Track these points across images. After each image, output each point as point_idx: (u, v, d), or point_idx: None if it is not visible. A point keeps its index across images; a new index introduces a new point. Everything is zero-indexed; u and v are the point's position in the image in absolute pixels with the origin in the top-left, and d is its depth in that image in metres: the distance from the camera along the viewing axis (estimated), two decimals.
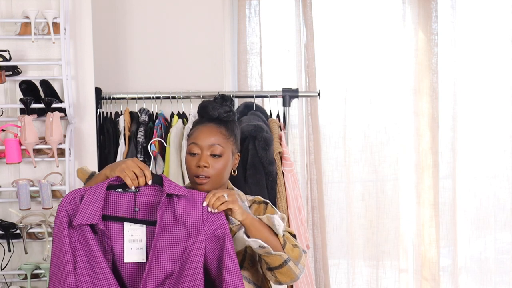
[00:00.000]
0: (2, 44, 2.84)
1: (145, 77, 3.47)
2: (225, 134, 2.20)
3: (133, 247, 2.01)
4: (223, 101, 2.23)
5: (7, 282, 2.94)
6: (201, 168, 2.15)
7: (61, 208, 1.94)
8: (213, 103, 2.22)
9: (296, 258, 2.09)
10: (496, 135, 3.87)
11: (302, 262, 2.11)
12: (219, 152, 2.16)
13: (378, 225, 3.82)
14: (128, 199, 2.01)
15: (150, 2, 3.49)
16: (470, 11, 3.81)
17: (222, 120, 2.21)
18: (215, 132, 2.18)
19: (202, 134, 2.18)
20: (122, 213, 2.00)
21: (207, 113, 2.21)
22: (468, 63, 3.82)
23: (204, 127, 2.20)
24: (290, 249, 2.08)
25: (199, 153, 2.16)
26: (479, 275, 3.90)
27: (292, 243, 2.10)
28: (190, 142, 2.19)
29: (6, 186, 2.88)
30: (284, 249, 2.07)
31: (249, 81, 3.68)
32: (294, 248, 2.09)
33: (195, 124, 2.24)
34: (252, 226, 2.04)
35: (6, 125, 2.87)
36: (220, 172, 2.17)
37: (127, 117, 3.17)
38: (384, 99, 3.79)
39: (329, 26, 3.77)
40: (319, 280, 3.73)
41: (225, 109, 2.21)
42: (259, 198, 2.28)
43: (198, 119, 2.25)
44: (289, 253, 2.07)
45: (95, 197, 1.95)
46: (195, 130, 2.21)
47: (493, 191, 3.89)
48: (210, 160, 2.16)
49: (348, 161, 3.80)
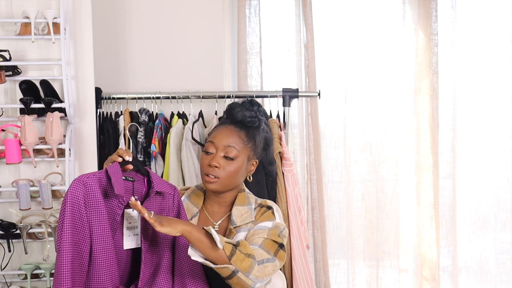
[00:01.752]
0: (2, 44, 2.84)
1: (145, 77, 3.47)
2: (243, 138, 2.19)
3: (130, 234, 2.10)
4: (250, 106, 2.23)
5: (7, 282, 2.94)
6: (212, 167, 2.15)
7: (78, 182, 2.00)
8: (241, 106, 2.22)
9: (245, 269, 2.03)
10: (496, 135, 3.87)
11: (254, 273, 2.04)
12: (233, 155, 2.16)
13: (378, 225, 3.82)
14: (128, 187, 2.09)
15: (150, 2, 3.49)
16: (470, 11, 3.81)
17: (245, 124, 2.21)
18: (234, 135, 2.18)
19: (221, 134, 2.19)
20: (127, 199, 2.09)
21: (232, 115, 2.21)
22: (468, 63, 3.81)
23: (225, 128, 2.21)
24: (239, 260, 2.03)
25: (213, 152, 2.16)
26: (479, 275, 3.90)
27: (246, 252, 2.05)
28: (208, 140, 2.19)
29: (6, 186, 2.88)
30: (231, 260, 2.02)
31: (249, 81, 3.68)
32: (246, 258, 2.04)
33: (219, 124, 2.25)
34: (191, 239, 2.01)
35: (6, 125, 2.87)
36: (231, 175, 2.17)
37: (127, 117, 3.18)
38: (384, 99, 3.79)
39: (329, 26, 3.77)
40: (319, 280, 3.73)
41: (251, 114, 2.21)
42: (266, 202, 2.26)
43: (223, 119, 2.26)
44: (237, 264, 2.02)
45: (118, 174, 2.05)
46: (216, 129, 2.22)
47: (493, 191, 3.89)
48: (223, 161, 2.15)
49: (348, 161, 3.80)
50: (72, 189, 1.98)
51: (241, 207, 2.22)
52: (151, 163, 3.12)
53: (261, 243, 2.13)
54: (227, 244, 2.03)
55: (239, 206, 2.22)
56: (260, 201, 2.27)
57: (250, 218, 2.20)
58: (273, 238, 2.15)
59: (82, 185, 1.99)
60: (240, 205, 2.22)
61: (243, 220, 2.19)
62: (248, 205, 2.22)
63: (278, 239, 2.16)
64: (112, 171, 2.02)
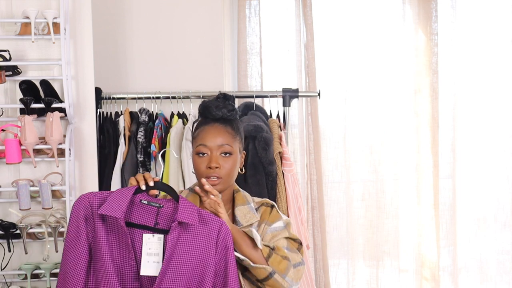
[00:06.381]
0: (2, 44, 2.84)
1: (145, 77, 3.47)
2: (231, 133, 2.17)
3: (150, 260, 2.01)
4: (225, 100, 2.20)
5: (7, 282, 2.94)
6: (212, 169, 2.12)
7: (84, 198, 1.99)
8: (216, 103, 2.18)
9: (282, 271, 2.04)
10: (496, 135, 3.87)
11: (290, 275, 2.06)
12: (229, 150, 2.14)
13: (378, 225, 3.82)
14: (151, 212, 2.01)
15: (150, 2, 3.49)
16: (470, 11, 3.81)
17: (227, 119, 2.19)
18: (223, 132, 2.15)
19: (210, 135, 2.15)
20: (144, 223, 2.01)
21: (211, 113, 2.17)
22: (468, 63, 3.82)
23: (211, 127, 2.17)
24: (276, 261, 2.04)
25: (208, 153, 2.13)
26: (479, 275, 3.90)
27: (282, 255, 2.06)
28: (198, 144, 2.15)
29: (6, 186, 2.88)
30: (268, 261, 2.03)
31: (249, 81, 3.68)
32: (283, 260, 2.06)
33: (200, 125, 2.20)
34: (234, 234, 2.02)
35: (6, 125, 2.87)
36: (231, 171, 2.16)
37: (127, 117, 3.17)
38: (384, 99, 3.79)
39: (329, 26, 3.77)
40: (319, 280, 3.73)
41: (229, 108, 2.18)
42: (267, 201, 2.26)
43: (202, 119, 2.21)
44: (274, 266, 2.03)
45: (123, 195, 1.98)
46: (201, 130, 2.17)
47: (493, 191, 3.89)
48: (221, 160, 2.13)
49: (348, 161, 3.80)
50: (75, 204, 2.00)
51: (242, 207, 2.21)
52: (151, 163, 3.12)
53: (287, 246, 2.14)
54: (264, 247, 2.05)
55: (241, 206, 2.21)
56: (259, 200, 2.27)
57: (255, 218, 2.19)
58: (292, 236, 2.17)
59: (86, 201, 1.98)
60: (241, 205, 2.22)
61: (248, 220, 2.19)
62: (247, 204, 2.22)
63: (297, 237, 2.18)
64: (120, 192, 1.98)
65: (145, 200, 2.00)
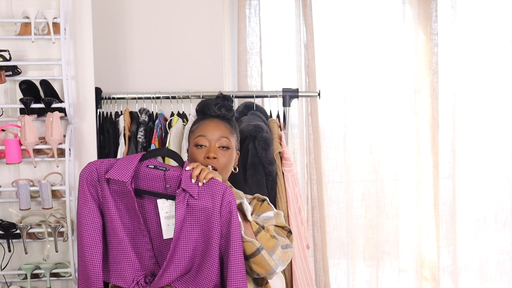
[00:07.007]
0: (2, 44, 2.84)
1: (145, 77, 3.47)
2: (229, 129, 2.24)
3: (169, 223, 2.06)
4: (224, 100, 2.28)
5: (7, 282, 2.94)
6: (210, 159, 2.16)
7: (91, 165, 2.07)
8: (216, 101, 2.25)
9: (270, 248, 2.05)
10: (496, 135, 3.87)
11: (277, 254, 2.06)
12: (227, 144, 2.20)
13: (378, 225, 3.82)
14: (159, 176, 2.06)
15: (150, 2, 3.49)
16: (470, 11, 3.81)
17: (225, 117, 2.24)
18: (222, 126, 2.22)
19: (210, 127, 2.21)
20: (154, 189, 2.06)
21: (210, 111, 2.24)
22: (468, 63, 3.82)
23: (211, 121, 2.23)
24: (264, 238, 2.06)
25: (207, 145, 2.19)
26: (479, 275, 3.90)
27: (271, 234, 2.08)
28: (197, 135, 2.20)
29: (6, 186, 2.88)
30: (257, 236, 2.05)
31: (249, 81, 3.68)
32: (271, 239, 2.07)
33: (198, 120, 2.26)
34: None
35: (6, 125, 2.87)
36: (226, 165, 2.20)
37: (127, 117, 3.17)
38: (384, 99, 3.79)
39: (329, 26, 3.77)
40: (319, 280, 3.73)
41: (228, 108, 2.25)
42: (259, 196, 2.31)
43: (201, 116, 2.28)
44: (263, 242, 2.05)
45: (130, 161, 2.05)
46: (201, 124, 2.23)
47: (493, 191, 3.89)
48: (219, 152, 2.18)
49: (348, 161, 3.80)
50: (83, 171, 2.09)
51: None
52: None
53: (276, 231, 2.16)
54: (254, 223, 2.07)
55: None
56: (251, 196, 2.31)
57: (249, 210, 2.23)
58: (281, 224, 2.19)
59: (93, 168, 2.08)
60: None
61: None
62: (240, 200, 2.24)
63: (286, 225, 2.20)
64: (127, 158, 2.05)
65: (152, 165, 2.05)
